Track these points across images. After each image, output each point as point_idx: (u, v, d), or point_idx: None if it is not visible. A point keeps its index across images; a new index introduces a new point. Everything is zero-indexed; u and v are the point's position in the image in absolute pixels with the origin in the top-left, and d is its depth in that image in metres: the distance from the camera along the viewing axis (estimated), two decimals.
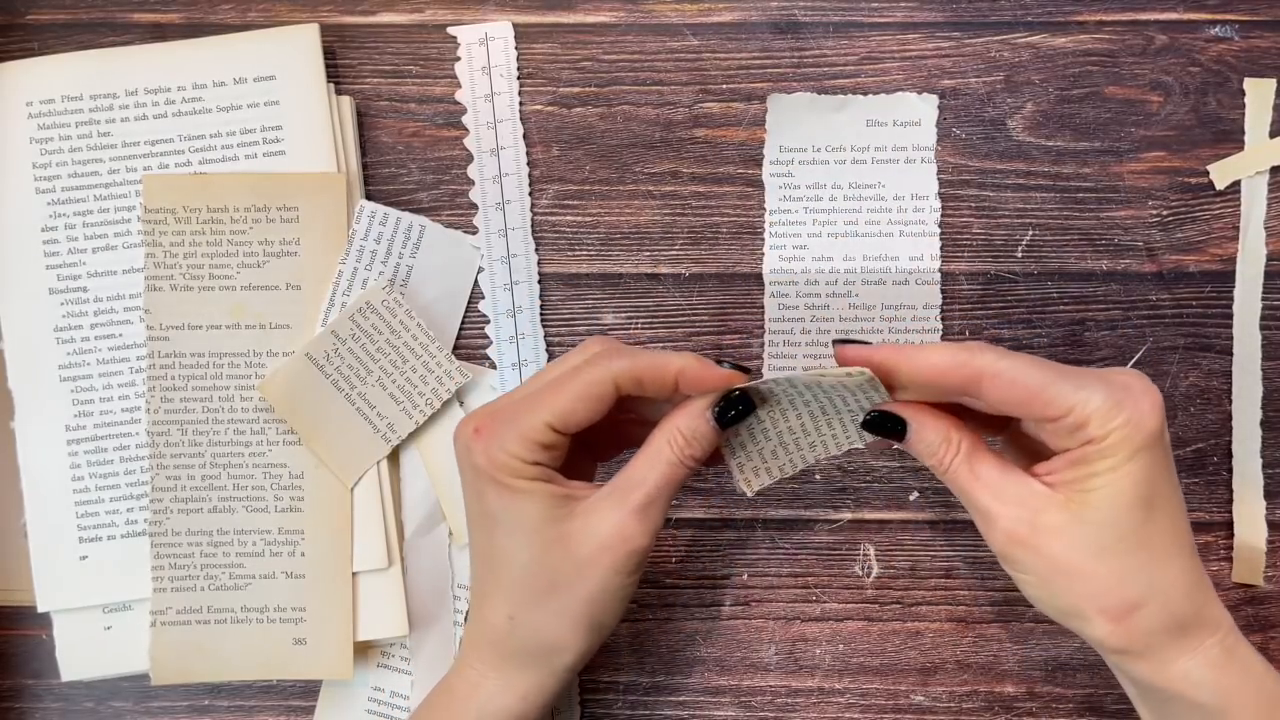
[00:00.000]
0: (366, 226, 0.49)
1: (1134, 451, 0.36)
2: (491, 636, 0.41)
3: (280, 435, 0.48)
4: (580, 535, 0.40)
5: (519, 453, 0.39)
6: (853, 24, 0.51)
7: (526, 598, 0.40)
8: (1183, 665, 0.38)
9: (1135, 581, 0.37)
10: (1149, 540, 0.37)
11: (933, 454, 0.39)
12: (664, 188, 0.50)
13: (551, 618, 0.40)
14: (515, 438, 0.39)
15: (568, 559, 0.40)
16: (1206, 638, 0.38)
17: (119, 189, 0.49)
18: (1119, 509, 0.37)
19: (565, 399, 0.39)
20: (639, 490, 0.40)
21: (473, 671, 0.41)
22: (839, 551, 0.50)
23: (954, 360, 0.38)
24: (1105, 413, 0.36)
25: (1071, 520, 0.37)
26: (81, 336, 0.49)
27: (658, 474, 0.40)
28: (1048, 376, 0.37)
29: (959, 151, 0.50)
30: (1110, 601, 0.37)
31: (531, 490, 0.39)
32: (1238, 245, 0.49)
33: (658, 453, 0.40)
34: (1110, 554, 0.37)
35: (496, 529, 0.40)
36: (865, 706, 0.49)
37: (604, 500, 0.40)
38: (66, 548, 0.48)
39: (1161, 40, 0.50)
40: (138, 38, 0.51)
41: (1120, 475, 0.37)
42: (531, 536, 0.40)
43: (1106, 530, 0.37)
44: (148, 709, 0.50)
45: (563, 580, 0.40)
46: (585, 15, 0.51)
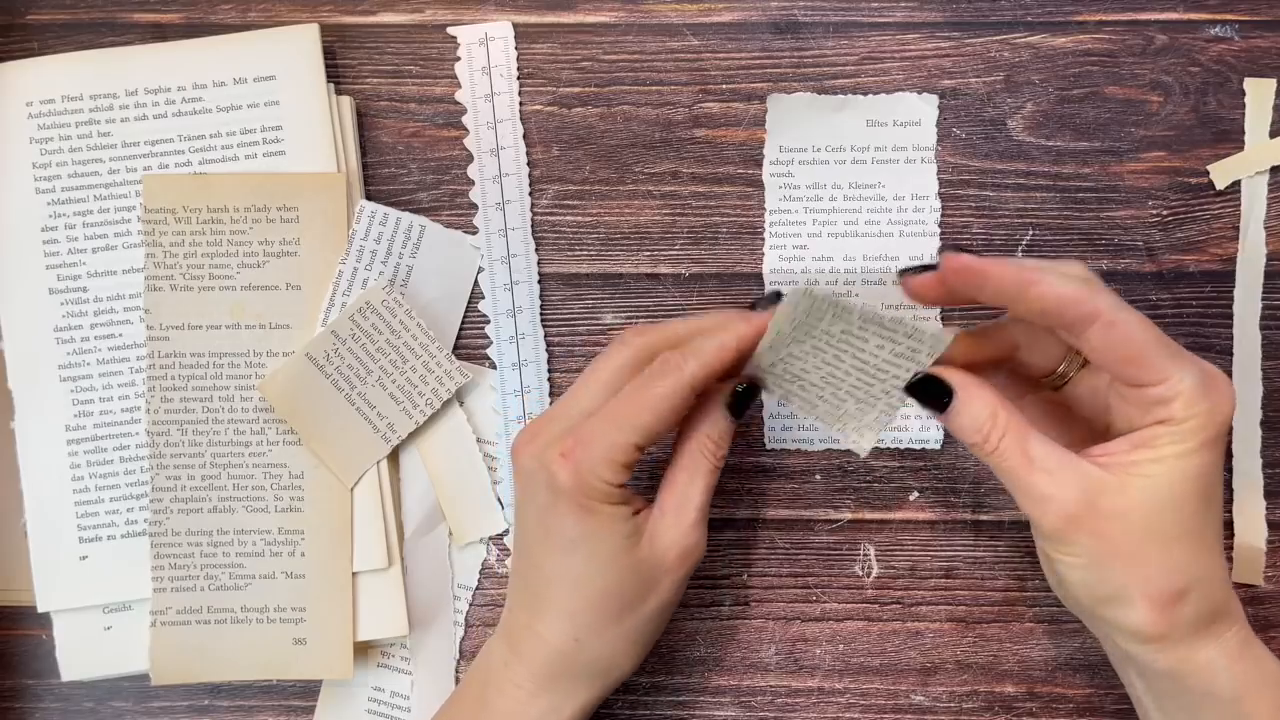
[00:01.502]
0: (366, 226, 0.49)
1: (1206, 441, 0.37)
2: (550, 657, 0.41)
3: (280, 435, 0.48)
4: (650, 559, 0.41)
5: (608, 476, 0.40)
6: (853, 24, 0.51)
7: (597, 621, 0.41)
8: (1207, 654, 0.38)
9: (1184, 570, 0.37)
10: (1201, 530, 0.37)
11: (978, 430, 0.38)
12: (664, 188, 0.50)
13: (618, 640, 0.41)
14: (604, 461, 0.39)
15: (639, 583, 0.41)
16: (1228, 628, 0.38)
17: (119, 189, 0.49)
18: (1180, 496, 0.37)
19: (649, 417, 0.40)
20: (690, 505, 0.41)
21: (518, 690, 0.41)
22: (839, 551, 0.50)
23: (1077, 296, 0.37)
24: (1193, 395, 0.36)
25: (1130, 504, 0.37)
26: (81, 336, 0.49)
27: (701, 484, 0.42)
28: (1154, 340, 0.37)
29: (959, 151, 0.50)
30: (1158, 587, 0.37)
31: (612, 515, 0.40)
32: (1238, 245, 0.49)
33: (696, 464, 0.42)
34: (1165, 540, 0.37)
35: (572, 552, 0.40)
36: (865, 706, 0.49)
37: (663, 521, 0.41)
38: (66, 548, 0.48)
39: (1161, 40, 0.50)
40: (138, 38, 0.51)
41: (1186, 463, 0.37)
42: (608, 563, 0.40)
43: (1165, 516, 0.37)
44: (148, 709, 0.50)
45: (632, 603, 0.41)
46: (585, 15, 0.51)
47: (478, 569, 0.50)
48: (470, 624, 0.49)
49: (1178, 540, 0.37)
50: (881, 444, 0.49)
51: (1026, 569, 0.49)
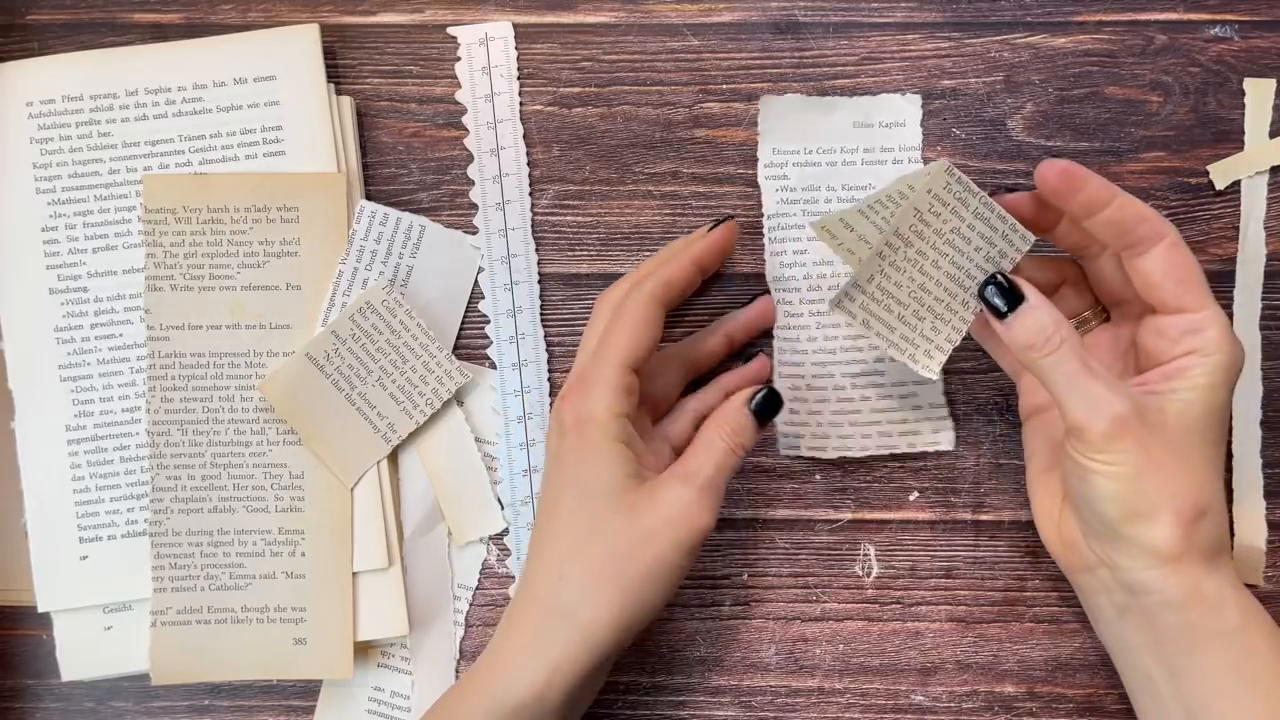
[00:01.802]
0: (366, 226, 0.49)
1: (1228, 380, 0.41)
2: (537, 595, 0.42)
3: (280, 435, 0.48)
4: (646, 506, 0.41)
5: (607, 404, 0.42)
6: (853, 24, 0.51)
7: (581, 558, 0.41)
8: (1215, 582, 0.40)
9: (1206, 489, 0.40)
10: (1217, 457, 0.41)
11: (1041, 332, 0.40)
12: (664, 188, 0.50)
13: (602, 581, 0.41)
14: (601, 389, 0.42)
15: (632, 528, 0.41)
16: (1229, 560, 0.42)
17: (119, 189, 0.49)
18: (1206, 421, 0.40)
19: (626, 336, 0.43)
20: (700, 474, 0.42)
21: (508, 639, 0.42)
22: (839, 551, 0.50)
23: (1150, 213, 0.41)
24: (1222, 333, 0.40)
25: (1167, 422, 0.40)
26: (81, 336, 0.49)
27: (715, 460, 0.43)
28: (1201, 274, 0.41)
29: (959, 151, 0.50)
30: (1186, 504, 0.40)
31: (611, 453, 0.42)
32: (1238, 245, 0.49)
33: (711, 442, 0.43)
34: (1194, 460, 0.40)
35: (566, 489, 0.42)
36: (865, 706, 0.49)
37: (670, 479, 0.42)
38: (66, 548, 0.48)
39: (1161, 40, 0.50)
40: (138, 38, 0.51)
41: (1211, 393, 0.40)
42: (600, 500, 0.41)
43: (1193, 436, 0.40)
44: (148, 709, 0.50)
45: (622, 548, 0.41)
46: (585, 15, 0.51)
47: (478, 569, 0.50)
48: (470, 624, 0.49)
49: (1201, 462, 0.40)
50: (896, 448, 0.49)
51: (1026, 569, 0.49)
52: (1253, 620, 0.40)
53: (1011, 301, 0.41)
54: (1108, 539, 0.41)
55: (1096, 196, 0.41)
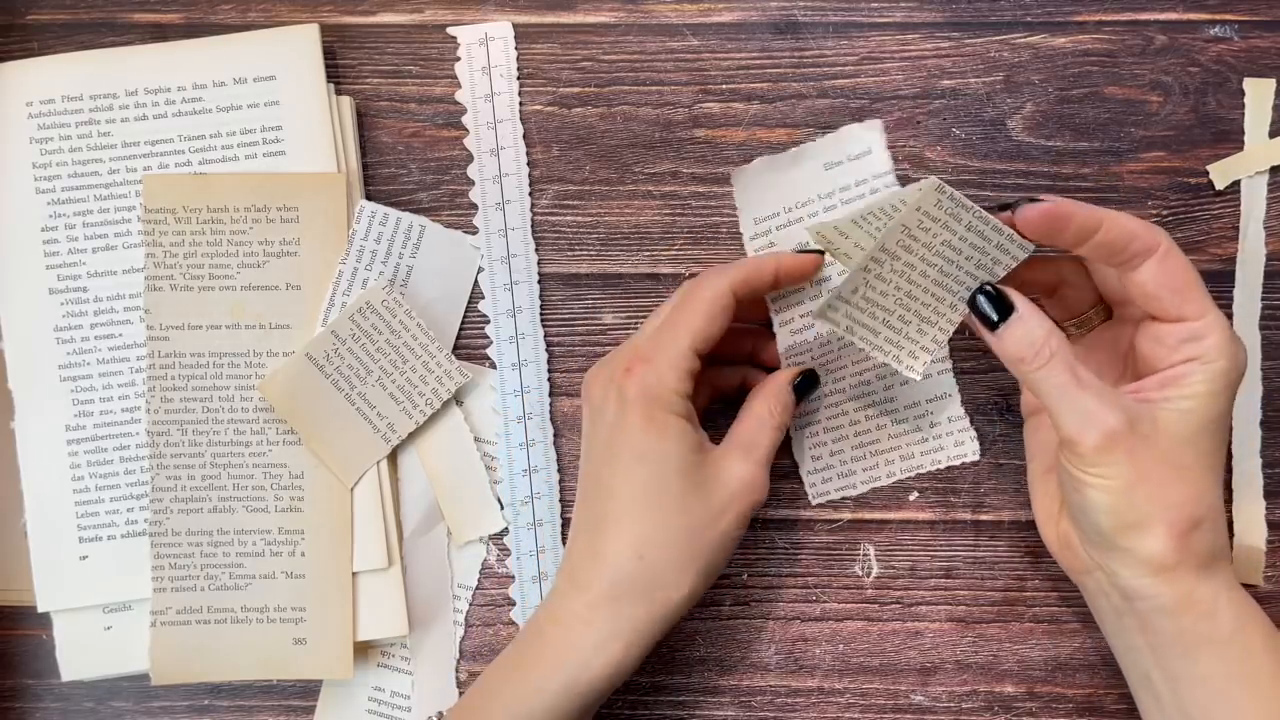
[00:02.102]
0: (366, 226, 0.49)
1: (1228, 385, 0.40)
2: (611, 575, 0.41)
3: (280, 435, 0.48)
4: (715, 482, 0.42)
5: (672, 382, 0.42)
6: (853, 24, 0.51)
7: (661, 534, 0.41)
8: (1210, 588, 0.40)
9: (1203, 499, 0.40)
10: (1215, 465, 0.41)
11: (1031, 345, 0.40)
12: (664, 188, 0.50)
13: (682, 560, 0.42)
14: (668, 368, 0.42)
15: (705, 504, 0.42)
16: (1226, 566, 0.41)
17: (119, 189, 0.49)
18: (1203, 431, 0.40)
19: (699, 319, 0.42)
20: (758, 448, 0.44)
21: (574, 619, 0.41)
22: (839, 551, 0.50)
23: (1142, 228, 0.40)
24: (1224, 339, 0.40)
25: (1162, 433, 0.40)
26: (81, 336, 0.49)
27: (768, 435, 0.44)
28: (1199, 279, 0.40)
29: (959, 151, 0.50)
30: (1180, 515, 0.39)
31: (679, 430, 0.42)
32: (1238, 245, 0.49)
33: (762, 418, 0.44)
34: (1190, 470, 0.40)
35: (640, 463, 0.42)
36: (865, 706, 0.49)
37: (732, 452, 0.43)
38: (66, 548, 0.48)
39: (1161, 40, 0.50)
40: (138, 38, 0.51)
41: (1210, 401, 0.40)
42: (675, 478, 0.42)
43: (1189, 447, 0.40)
44: (148, 709, 0.50)
45: (698, 524, 0.42)
46: (585, 15, 0.51)
47: (477, 569, 0.50)
48: (470, 624, 0.49)
49: (1197, 472, 0.40)
50: (923, 468, 0.49)
51: (1026, 569, 0.49)
52: (1249, 625, 0.40)
53: (1002, 311, 0.41)
54: (1103, 547, 0.41)
55: (1084, 227, 0.40)
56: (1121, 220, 0.40)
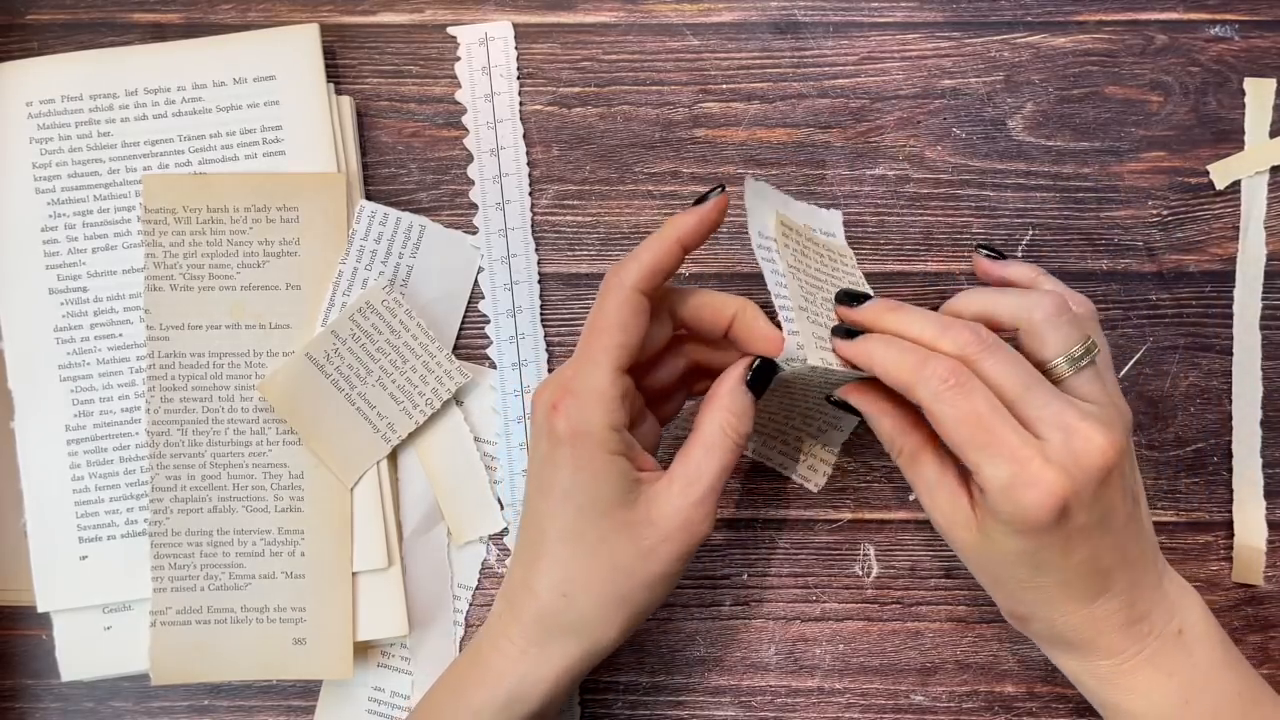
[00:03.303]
0: (366, 226, 0.49)
1: (1018, 533, 0.38)
2: (539, 610, 0.41)
3: (280, 435, 0.48)
4: (646, 524, 0.40)
5: (599, 418, 0.40)
6: (853, 24, 0.51)
7: (586, 577, 0.40)
8: (1072, 667, 0.42)
9: (1022, 605, 0.41)
10: (1037, 589, 0.40)
11: (884, 445, 0.43)
12: (664, 187, 0.50)
13: (606, 600, 0.41)
14: (594, 402, 0.40)
15: (633, 545, 0.40)
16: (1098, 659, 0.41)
17: (119, 189, 0.49)
18: (1008, 562, 0.40)
19: (613, 334, 0.40)
20: (700, 481, 0.41)
21: (509, 644, 0.41)
22: (839, 551, 0.50)
23: (906, 382, 0.39)
24: (996, 498, 0.38)
25: (975, 549, 0.40)
26: (81, 336, 0.49)
27: (718, 460, 0.41)
28: (971, 438, 0.38)
29: (959, 151, 0.50)
30: (1006, 606, 0.42)
31: (608, 468, 0.40)
32: (1238, 245, 0.49)
33: (713, 440, 0.41)
34: (1003, 583, 0.41)
35: (566, 502, 0.40)
36: (865, 706, 0.49)
37: (668, 489, 0.41)
38: (66, 548, 0.48)
39: (1161, 40, 0.50)
40: (138, 38, 0.51)
41: (1010, 541, 0.39)
42: (601, 519, 0.40)
43: (1000, 569, 0.40)
44: (148, 709, 0.50)
45: (624, 565, 0.40)
46: (585, 15, 0.51)
47: (477, 568, 0.50)
48: (470, 624, 0.49)
49: (1014, 589, 0.41)
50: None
51: None
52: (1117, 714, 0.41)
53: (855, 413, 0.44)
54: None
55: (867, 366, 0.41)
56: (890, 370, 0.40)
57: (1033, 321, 0.40)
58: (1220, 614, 0.48)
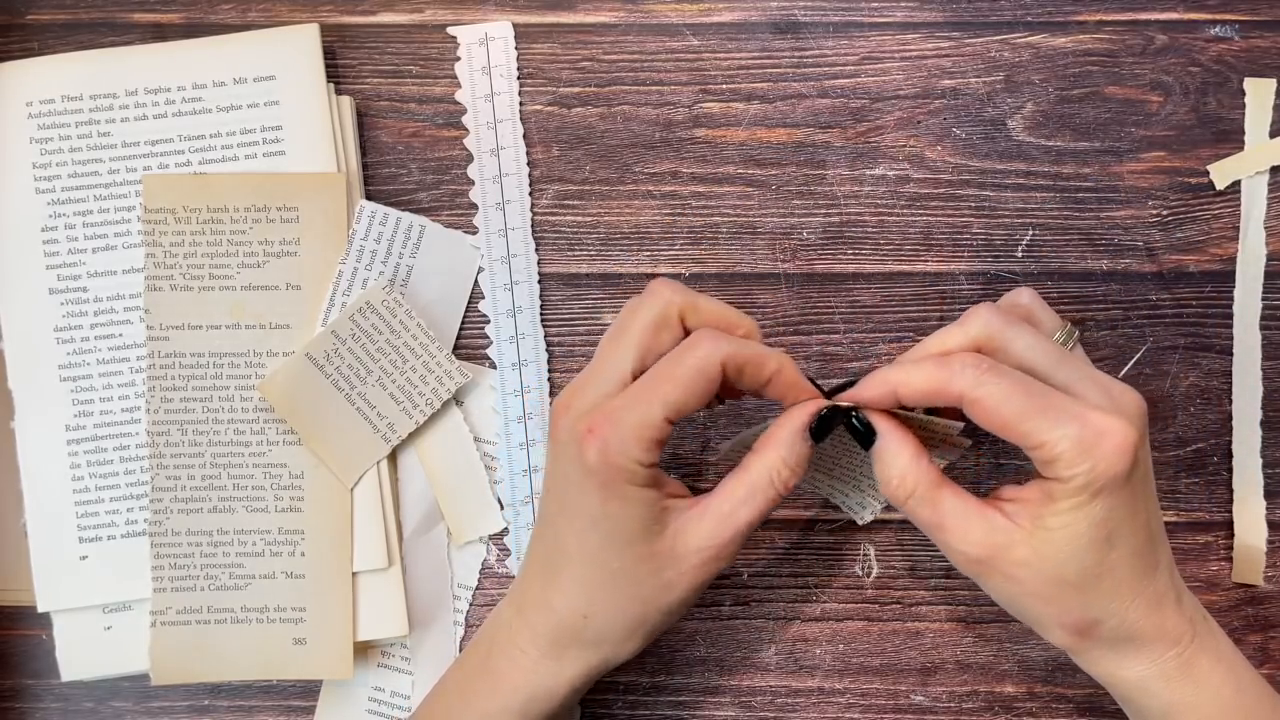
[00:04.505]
0: (366, 226, 0.49)
1: (1095, 494, 0.37)
2: (557, 627, 0.41)
3: (280, 435, 0.48)
4: (670, 555, 0.40)
5: (637, 455, 0.38)
6: (853, 24, 0.51)
7: (607, 602, 0.41)
8: (1138, 672, 0.40)
9: (1093, 605, 0.39)
10: (1110, 570, 0.39)
11: (888, 483, 0.40)
12: (664, 188, 0.50)
13: (625, 623, 0.41)
14: (633, 439, 0.38)
15: (656, 575, 0.40)
16: (1164, 651, 0.40)
17: (119, 189, 0.49)
18: (1079, 548, 0.38)
19: (678, 390, 0.39)
20: (736, 521, 0.40)
21: (522, 655, 0.41)
22: (839, 551, 0.50)
23: (937, 383, 0.38)
24: (1071, 457, 0.37)
25: (1035, 556, 0.38)
26: (81, 336, 0.49)
27: (758, 507, 0.40)
28: (1024, 407, 0.37)
29: (959, 151, 0.50)
30: (1070, 620, 0.39)
31: (638, 499, 0.39)
32: (1238, 245, 0.49)
33: (758, 486, 0.40)
34: (1071, 584, 0.39)
35: (592, 530, 0.40)
36: (865, 706, 0.49)
37: (699, 524, 0.40)
38: (66, 548, 0.48)
39: (1161, 40, 0.50)
40: (138, 38, 0.51)
41: (1082, 515, 0.38)
42: (626, 548, 0.40)
43: (1068, 565, 0.38)
44: (148, 709, 0.50)
45: (646, 593, 0.40)
46: (585, 15, 0.51)
47: (477, 568, 0.50)
48: (470, 624, 0.49)
49: (1083, 584, 0.39)
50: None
51: None
52: (1180, 712, 0.40)
53: (867, 441, 0.40)
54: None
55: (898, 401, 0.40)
56: (909, 386, 0.39)
57: (1026, 307, 0.42)
58: (1220, 614, 0.48)
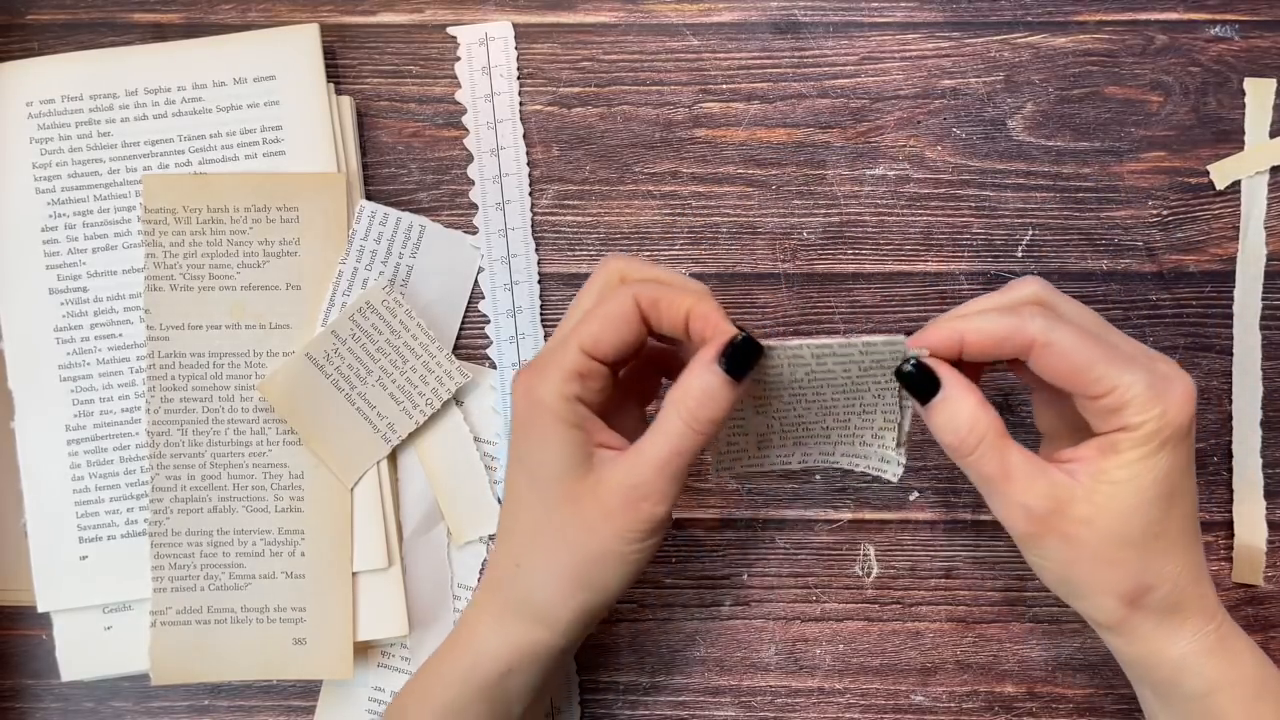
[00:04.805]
0: (366, 226, 0.49)
1: (1163, 444, 0.37)
2: (498, 579, 0.42)
3: (280, 435, 0.48)
4: (589, 496, 0.39)
5: (557, 386, 0.39)
6: (853, 24, 0.51)
7: (533, 548, 0.40)
8: (1179, 648, 0.39)
9: (1151, 568, 0.38)
10: (1167, 529, 0.38)
11: (954, 433, 0.38)
12: (664, 188, 0.50)
13: (554, 576, 0.40)
14: (554, 371, 0.39)
15: (577, 517, 0.39)
16: (1204, 624, 0.39)
17: (119, 189, 0.49)
18: (1144, 500, 0.37)
19: (594, 323, 0.39)
20: (646, 460, 0.39)
21: (474, 613, 0.42)
22: (839, 551, 0.50)
23: (1008, 329, 0.38)
24: (1144, 401, 0.37)
25: (1098, 512, 0.38)
26: (81, 336, 0.49)
27: (666, 443, 0.38)
28: (1096, 353, 0.37)
29: (959, 151, 0.50)
30: (1126, 586, 0.38)
31: (560, 436, 0.39)
32: (1238, 245, 0.49)
33: (665, 424, 0.39)
34: (1132, 542, 0.38)
35: (520, 473, 0.41)
36: (865, 706, 0.49)
37: (616, 464, 0.39)
38: (66, 548, 0.48)
39: (1161, 40, 0.50)
40: (138, 38, 0.51)
41: (1147, 466, 0.37)
42: (547, 488, 0.40)
43: (1131, 520, 0.38)
44: (148, 709, 0.50)
45: (569, 538, 0.40)
46: (585, 15, 0.51)
47: (477, 568, 0.50)
48: None
49: (1144, 542, 0.38)
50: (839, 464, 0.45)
51: (1026, 569, 0.49)
52: (1222, 688, 0.39)
53: (927, 389, 0.38)
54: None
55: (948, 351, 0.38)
56: (981, 331, 0.38)
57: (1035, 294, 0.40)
58: None
